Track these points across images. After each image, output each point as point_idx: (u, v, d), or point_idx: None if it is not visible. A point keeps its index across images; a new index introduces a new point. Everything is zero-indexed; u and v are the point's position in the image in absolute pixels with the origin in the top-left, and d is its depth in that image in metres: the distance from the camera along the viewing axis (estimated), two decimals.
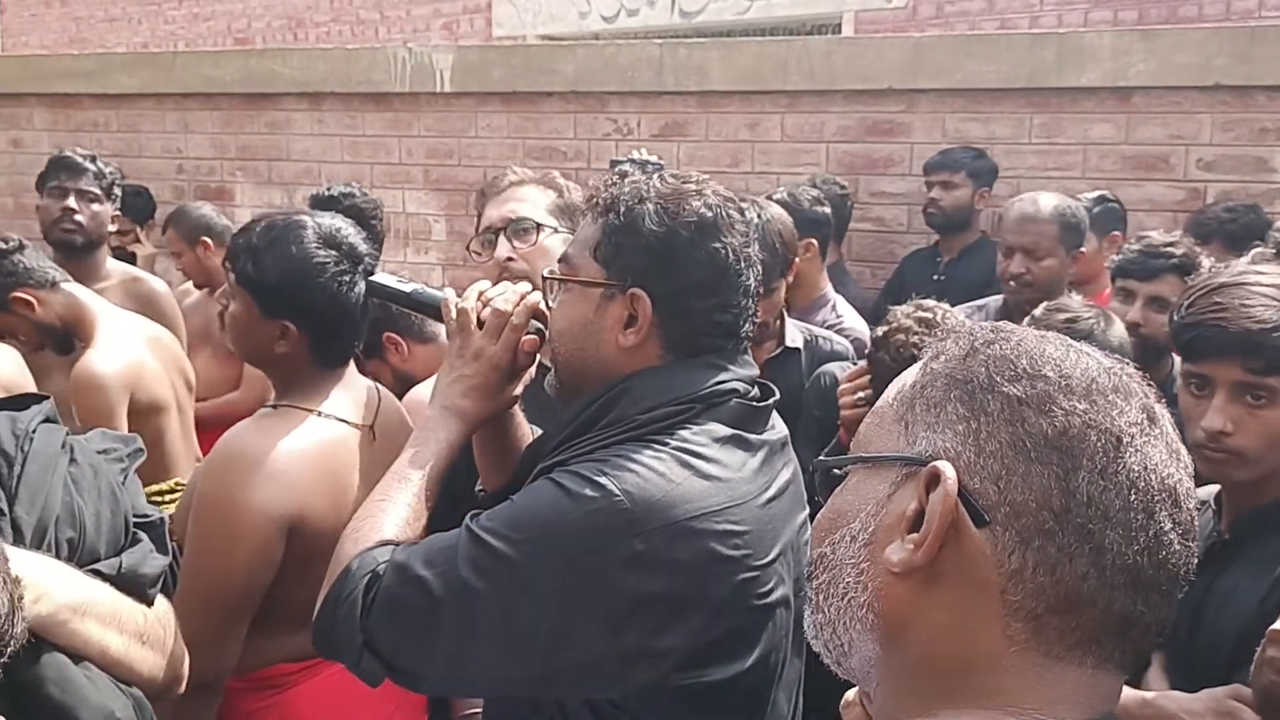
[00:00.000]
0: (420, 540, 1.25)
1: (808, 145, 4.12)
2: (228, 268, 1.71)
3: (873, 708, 0.76)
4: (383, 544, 1.24)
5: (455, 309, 1.40)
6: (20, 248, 2.62)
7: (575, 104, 4.45)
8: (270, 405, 1.73)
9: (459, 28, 8.56)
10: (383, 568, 1.20)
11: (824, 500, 0.80)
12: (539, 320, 1.39)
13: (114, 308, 2.75)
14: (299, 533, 1.61)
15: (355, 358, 1.81)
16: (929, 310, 2.08)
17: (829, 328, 2.89)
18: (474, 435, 1.41)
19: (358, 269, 1.70)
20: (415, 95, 4.73)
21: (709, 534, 1.15)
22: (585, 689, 1.19)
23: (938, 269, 3.72)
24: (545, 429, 1.36)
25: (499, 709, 1.37)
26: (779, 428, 1.35)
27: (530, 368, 1.42)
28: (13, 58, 7.93)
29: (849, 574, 0.73)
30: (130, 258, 4.27)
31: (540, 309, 1.38)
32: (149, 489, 2.39)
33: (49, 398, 1.34)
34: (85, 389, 2.39)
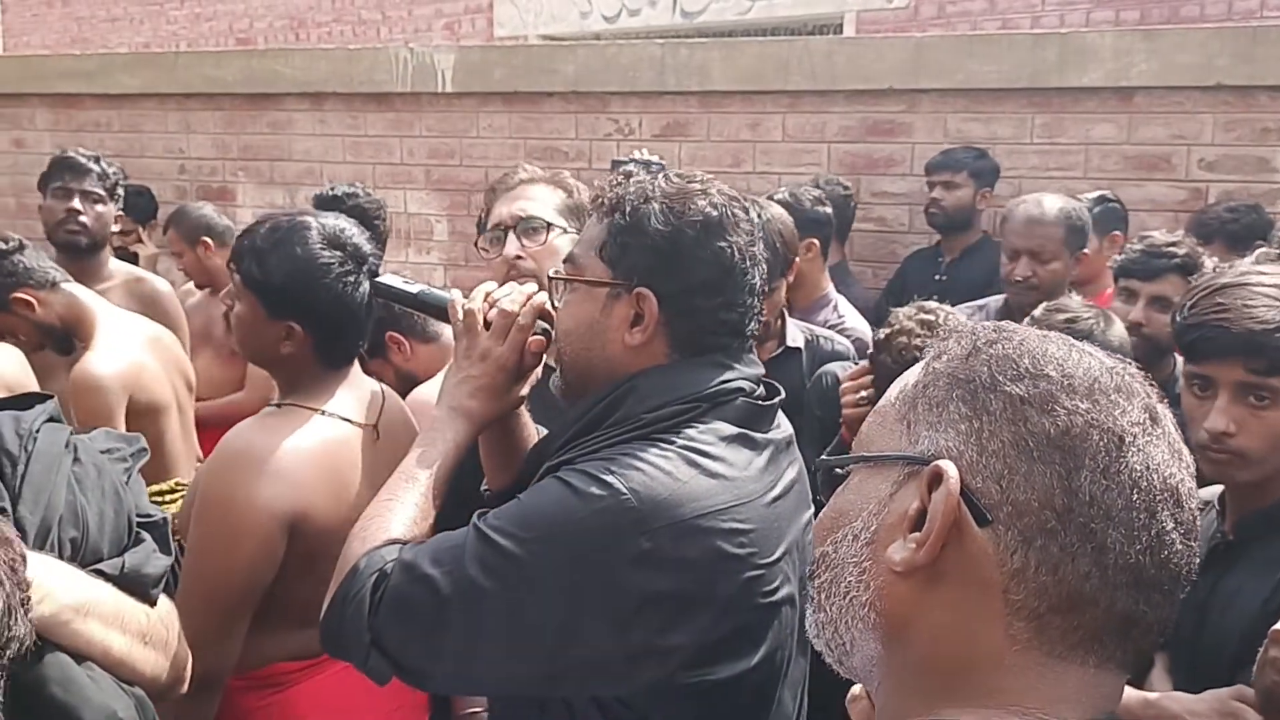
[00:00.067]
0: (427, 539, 1.25)
1: (809, 145, 4.11)
2: (232, 269, 1.72)
3: (875, 707, 0.76)
4: (390, 543, 1.24)
5: (462, 310, 1.41)
6: (20, 248, 2.61)
7: (577, 104, 4.45)
8: (274, 404, 1.73)
9: (460, 28, 8.56)
10: (390, 566, 1.20)
11: (826, 499, 0.80)
12: (546, 321, 1.39)
13: (114, 308, 2.75)
14: (301, 531, 1.61)
15: (359, 357, 1.81)
16: (931, 312, 2.08)
17: (831, 328, 2.88)
18: (480, 435, 1.41)
19: (362, 269, 1.70)
20: (417, 95, 4.73)
21: (715, 532, 1.15)
22: (592, 687, 1.19)
23: (939, 269, 3.72)
24: (551, 429, 1.36)
25: (506, 708, 1.36)
26: (784, 426, 1.35)
27: (537, 368, 1.42)
28: (15, 58, 7.93)
29: (851, 573, 0.73)
30: (132, 258, 4.26)
31: (547, 309, 1.38)
32: (149, 489, 2.39)
33: (53, 397, 1.34)
34: (83, 390, 2.39)
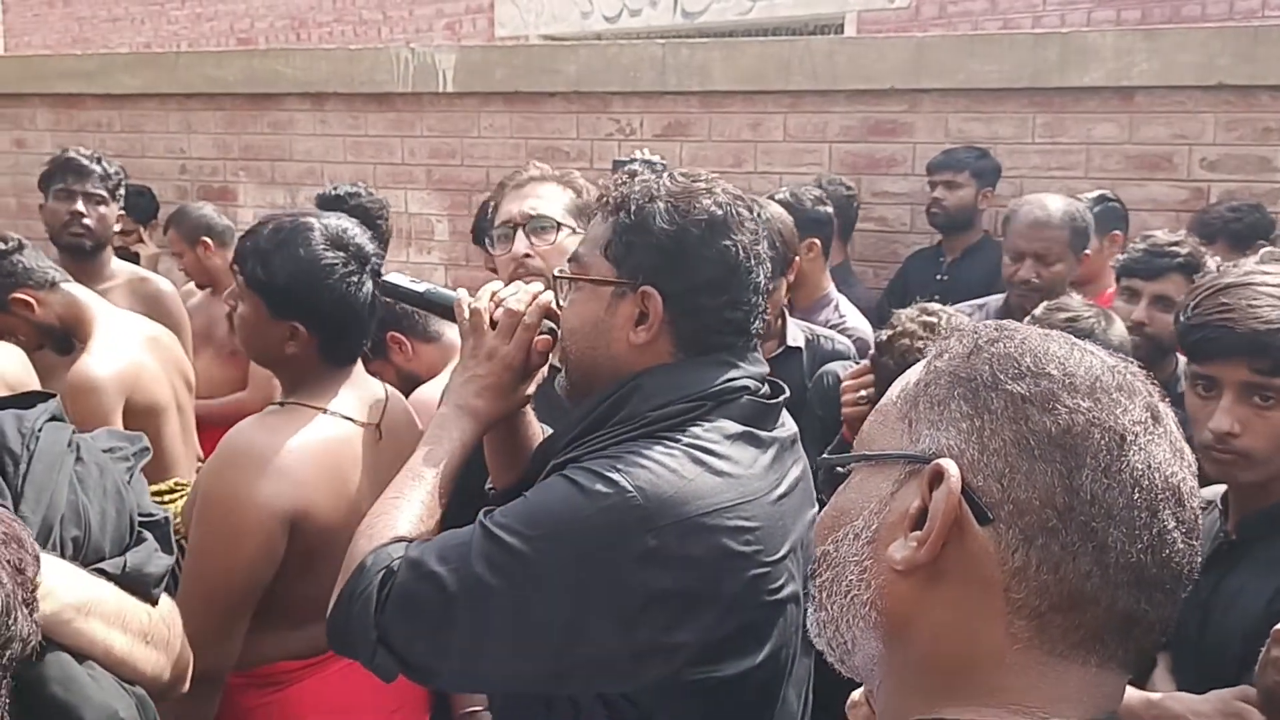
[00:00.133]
0: (434, 537, 1.25)
1: (810, 145, 4.11)
2: (236, 270, 1.72)
3: (876, 706, 0.76)
4: (397, 540, 1.24)
5: (468, 309, 1.41)
6: (20, 248, 2.61)
7: (578, 104, 4.45)
8: (277, 403, 1.74)
9: (461, 28, 8.57)
10: (397, 564, 1.20)
11: (828, 498, 0.80)
12: (552, 320, 1.39)
13: (113, 308, 2.74)
14: (302, 529, 1.61)
15: (362, 356, 1.82)
16: (933, 314, 2.08)
17: (832, 327, 2.88)
18: (485, 434, 1.41)
19: (365, 269, 1.71)
20: (418, 95, 4.73)
21: (721, 530, 1.15)
22: (598, 685, 1.19)
23: (941, 269, 3.73)
24: (556, 429, 1.36)
25: (512, 706, 1.36)
26: (789, 425, 1.35)
27: (543, 367, 1.42)
28: (15, 58, 7.94)
29: (852, 572, 0.73)
30: (133, 258, 4.26)
31: (553, 309, 1.38)
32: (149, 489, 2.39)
33: (55, 396, 1.34)
34: (80, 391, 2.38)
